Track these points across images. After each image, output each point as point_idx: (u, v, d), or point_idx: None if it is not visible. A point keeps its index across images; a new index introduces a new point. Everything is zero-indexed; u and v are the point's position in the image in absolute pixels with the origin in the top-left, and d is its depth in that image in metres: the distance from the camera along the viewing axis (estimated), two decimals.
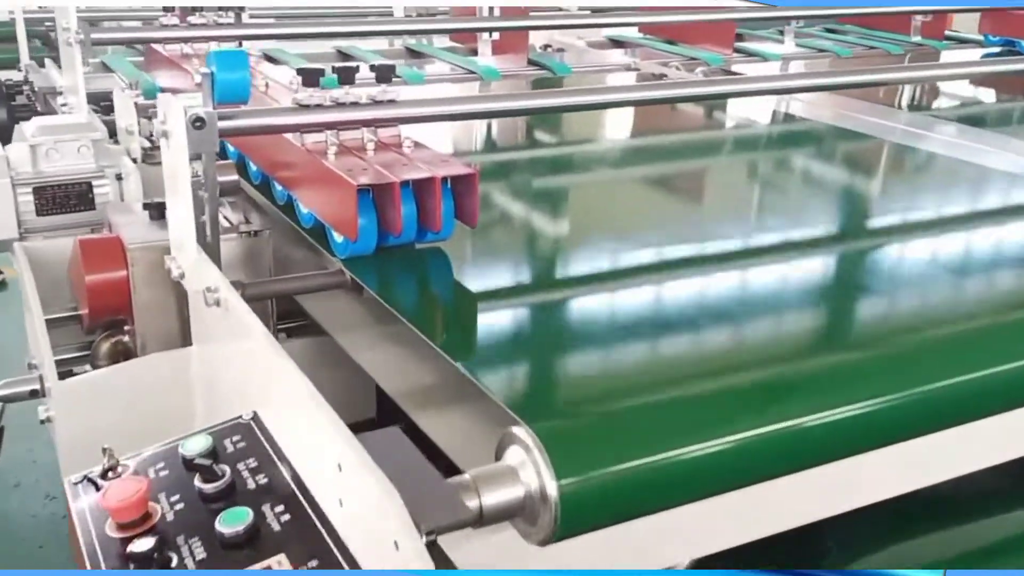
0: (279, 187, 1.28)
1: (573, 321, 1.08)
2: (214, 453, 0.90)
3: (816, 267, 1.25)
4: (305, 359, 1.26)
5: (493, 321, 1.05)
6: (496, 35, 2.37)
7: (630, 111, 2.20)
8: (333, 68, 1.19)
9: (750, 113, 2.13)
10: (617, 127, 2.08)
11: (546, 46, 2.71)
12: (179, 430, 1.21)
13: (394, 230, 1.08)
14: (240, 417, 0.96)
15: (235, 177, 1.26)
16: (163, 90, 1.65)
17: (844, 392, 0.87)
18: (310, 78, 1.16)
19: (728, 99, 1.80)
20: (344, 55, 2.40)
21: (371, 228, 1.09)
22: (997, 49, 2.86)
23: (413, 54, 2.50)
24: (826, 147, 1.88)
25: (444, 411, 0.97)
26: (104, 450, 0.89)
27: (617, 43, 2.79)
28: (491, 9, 2.28)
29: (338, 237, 1.12)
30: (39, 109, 1.99)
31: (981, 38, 2.92)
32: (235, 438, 0.93)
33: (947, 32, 2.98)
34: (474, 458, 0.82)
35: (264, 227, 1.28)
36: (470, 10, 2.44)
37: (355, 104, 1.18)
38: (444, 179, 1.09)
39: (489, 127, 1.90)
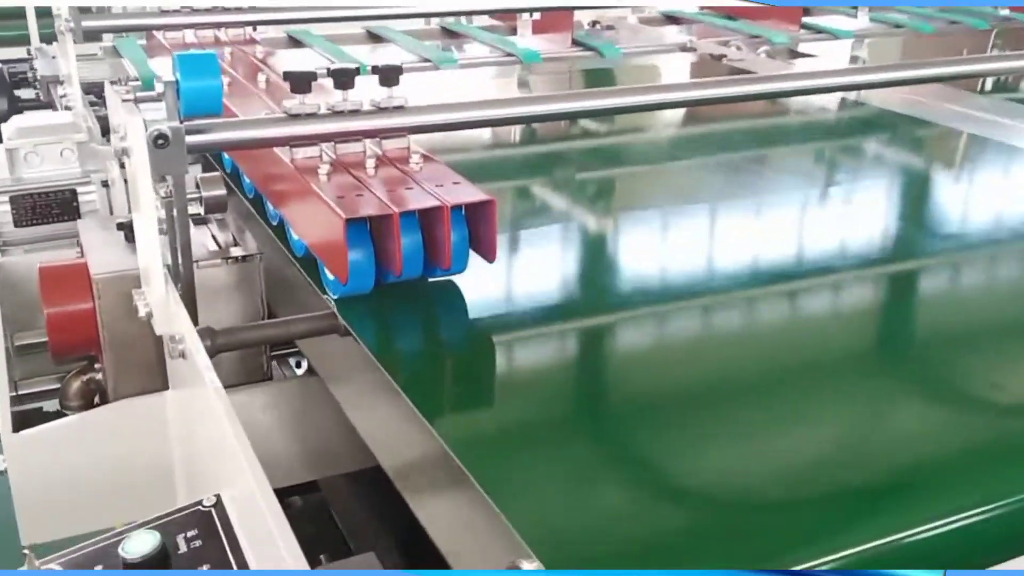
0: (270, 206, 1.11)
1: (631, 422, 0.80)
2: (163, 554, 0.74)
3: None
4: (306, 397, 1.11)
5: (518, 407, 0.82)
6: (537, 14, 2.17)
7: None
8: (329, 71, 1.01)
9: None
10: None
11: (594, 22, 2.51)
12: (154, 488, 1.07)
13: (394, 268, 0.90)
14: (200, 503, 0.79)
15: (222, 192, 1.09)
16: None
17: None
18: (300, 83, 0.98)
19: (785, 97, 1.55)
20: (374, 36, 2.22)
21: (365, 266, 0.91)
22: None
23: (449, 34, 2.31)
24: (895, 140, 1.65)
25: (442, 495, 0.80)
26: (24, 555, 0.73)
27: (672, 19, 2.57)
28: None
29: (330, 273, 0.94)
30: (42, 99, 1.84)
31: None
32: (190, 533, 0.77)
33: None
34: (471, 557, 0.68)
35: (256, 250, 1.11)
36: None
37: (355, 112, 1.00)
38: (456, 207, 0.91)
39: None
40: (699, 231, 1.25)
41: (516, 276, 1.08)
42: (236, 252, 1.10)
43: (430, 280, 0.97)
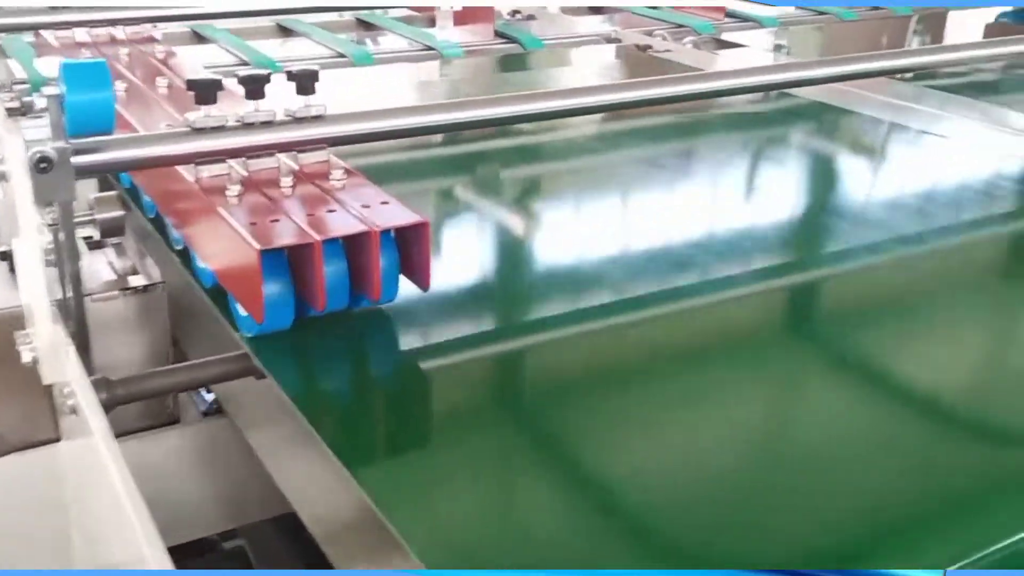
0: (174, 230, 1.00)
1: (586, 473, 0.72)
2: None
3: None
4: (219, 440, 1.01)
5: (447, 450, 0.73)
6: (458, 5, 2.07)
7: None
8: (239, 79, 0.90)
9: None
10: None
11: (514, 12, 2.41)
12: (49, 548, 0.96)
13: (315, 303, 0.80)
14: None
15: (119, 213, 0.97)
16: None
17: None
18: (205, 93, 0.87)
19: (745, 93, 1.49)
20: (284, 29, 2.09)
21: (283, 301, 0.80)
22: (1011, 8, 2.59)
23: (364, 26, 2.19)
24: (816, 130, 1.60)
25: (367, 553, 0.70)
26: None
27: (594, 8, 2.49)
28: None
29: (242, 309, 0.84)
30: None
31: None
32: None
33: None
34: None
35: (159, 279, 0.99)
36: None
37: (267, 124, 0.90)
38: (385, 231, 0.81)
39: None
40: (617, 224, 1.20)
41: (444, 291, 0.98)
42: (136, 282, 0.98)
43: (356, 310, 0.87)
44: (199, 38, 2.00)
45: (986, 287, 1.05)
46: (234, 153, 0.90)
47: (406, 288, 0.86)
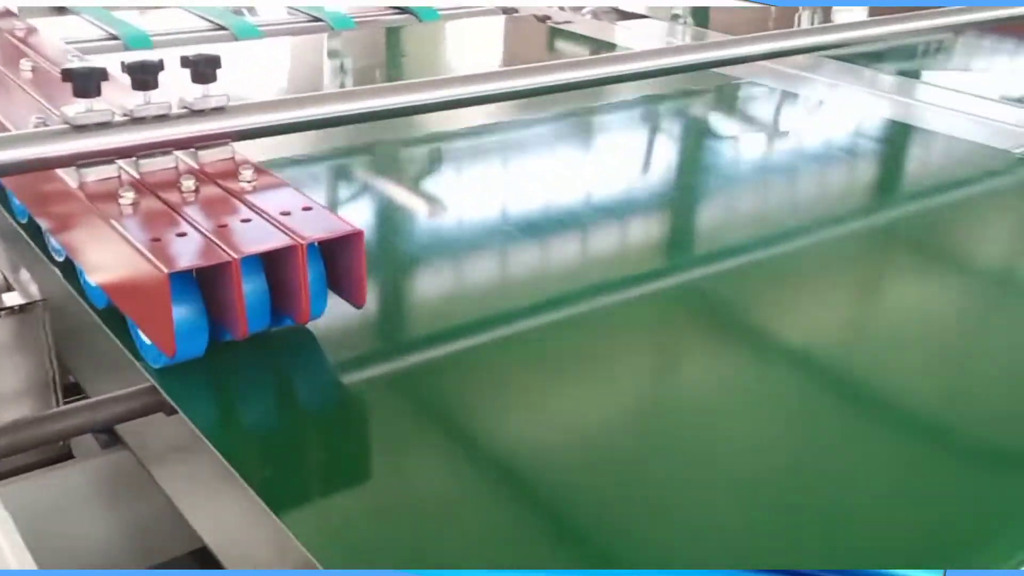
0: (54, 241, 0.86)
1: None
2: None
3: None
4: (121, 474, 0.89)
5: (375, 486, 0.65)
6: None
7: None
8: (123, 65, 0.77)
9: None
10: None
11: None
12: None
13: (235, 330, 0.70)
14: None
15: None
16: None
17: None
18: (85, 84, 0.74)
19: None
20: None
21: (195, 329, 0.69)
22: None
23: None
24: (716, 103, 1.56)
25: None
26: None
27: None
28: None
29: (146, 337, 0.72)
30: None
31: None
32: None
33: None
34: None
35: (38, 295, 0.86)
36: None
37: (162, 118, 0.78)
38: (312, 245, 0.71)
39: None
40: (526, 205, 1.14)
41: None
42: (11, 300, 0.85)
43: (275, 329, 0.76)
44: (61, 10, 1.82)
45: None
46: (123, 153, 0.78)
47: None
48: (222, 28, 1.75)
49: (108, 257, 0.73)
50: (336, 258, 0.74)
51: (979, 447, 0.72)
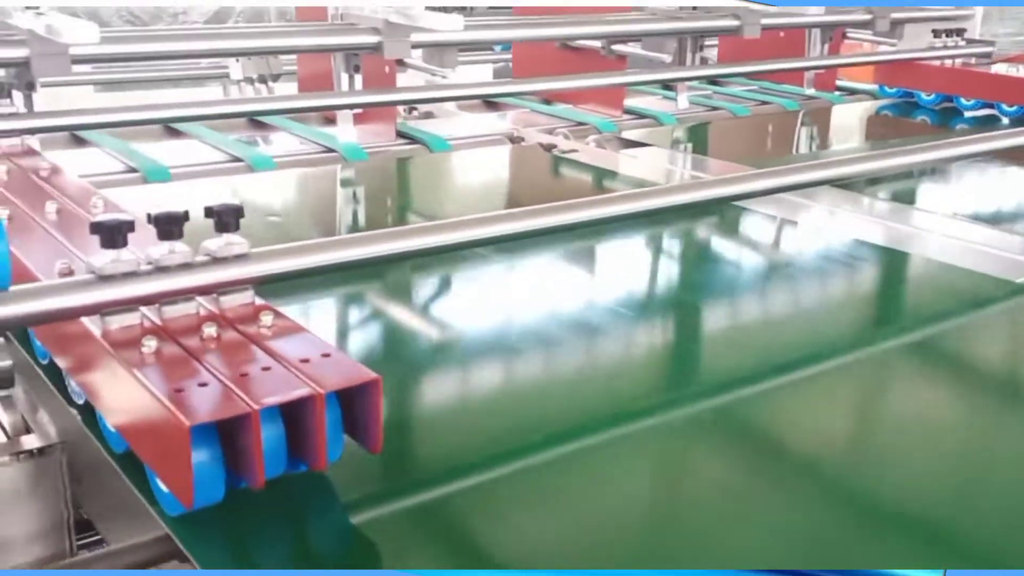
0: (74, 383, 0.88)
1: None
2: None
3: None
4: None
5: None
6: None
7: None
8: (149, 218, 0.80)
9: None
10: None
11: (410, 109, 2.36)
12: None
13: (252, 479, 0.70)
14: None
15: (8, 363, 0.85)
16: None
17: None
18: (111, 235, 0.77)
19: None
20: (172, 130, 1.98)
21: (213, 478, 0.70)
22: (892, 101, 2.69)
23: (257, 124, 2.10)
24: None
25: None
26: None
27: (491, 104, 2.46)
28: (352, 76, 1.90)
29: (163, 485, 0.73)
30: None
31: (875, 88, 2.75)
32: None
33: (838, 83, 2.80)
34: None
35: (56, 438, 0.87)
36: (317, 74, 2.05)
37: (185, 267, 0.80)
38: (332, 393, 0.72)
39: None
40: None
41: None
42: (29, 444, 0.86)
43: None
44: (77, 140, 1.88)
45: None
46: (147, 301, 0.80)
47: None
48: (238, 160, 1.80)
49: (128, 404, 0.75)
50: (353, 403, 0.76)
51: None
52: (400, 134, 2.02)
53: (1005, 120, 2.44)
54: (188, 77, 2.95)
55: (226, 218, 0.82)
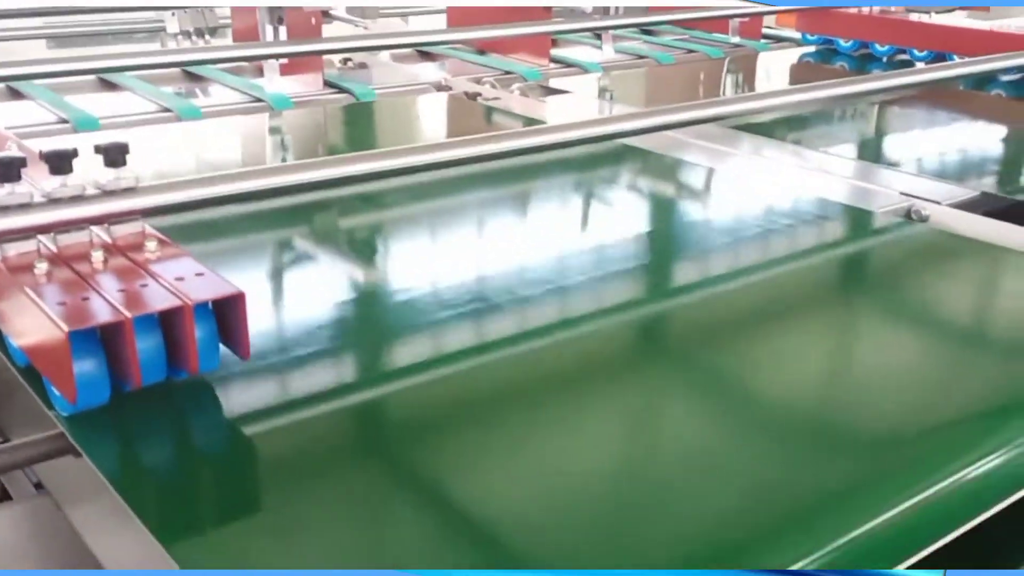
0: None
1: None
2: None
3: None
4: (43, 519, 0.98)
5: (273, 521, 0.74)
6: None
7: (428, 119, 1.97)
8: (41, 155, 0.89)
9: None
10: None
11: (345, 59, 2.44)
12: None
13: (132, 380, 0.80)
14: None
15: None
16: None
17: None
18: (7, 171, 0.86)
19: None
20: (107, 83, 2.05)
21: (96, 380, 0.80)
22: (814, 48, 2.79)
23: (190, 77, 2.17)
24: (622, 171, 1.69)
25: None
26: None
27: (426, 55, 2.54)
28: (276, 28, 1.97)
29: (55, 388, 0.83)
30: None
31: (799, 36, 2.84)
32: None
33: (764, 30, 2.89)
34: None
35: None
36: (251, 27, 2.12)
37: (76, 199, 0.89)
38: (200, 304, 0.82)
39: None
40: (455, 266, 1.24)
41: (276, 349, 0.99)
42: None
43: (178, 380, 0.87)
44: (14, 94, 1.95)
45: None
46: (42, 229, 0.89)
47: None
48: (167, 110, 1.88)
49: (24, 320, 0.84)
50: (227, 317, 0.86)
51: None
52: (328, 84, 2.10)
53: (921, 65, 2.54)
54: (139, 31, 3.00)
55: (114, 155, 0.91)
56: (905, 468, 0.80)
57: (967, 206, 1.44)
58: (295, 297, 1.14)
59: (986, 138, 2.05)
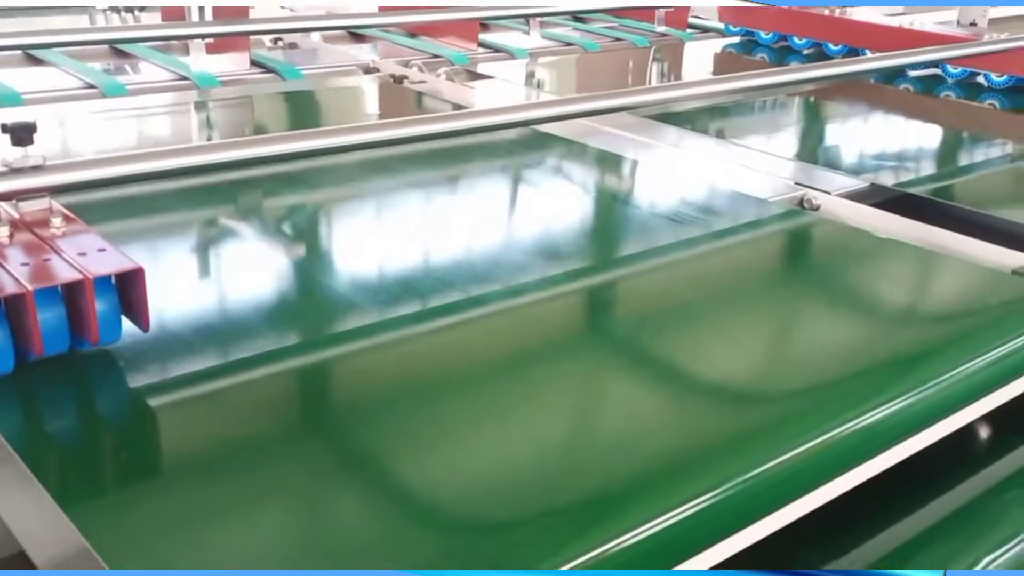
0: None
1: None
2: None
3: None
4: None
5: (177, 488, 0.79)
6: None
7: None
8: None
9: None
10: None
11: (276, 39, 2.46)
12: None
13: (34, 349, 0.85)
14: None
15: None
16: None
17: None
18: None
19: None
20: (32, 58, 2.06)
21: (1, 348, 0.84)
22: (737, 40, 2.87)
23: (117, 53, 2.18)
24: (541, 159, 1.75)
25: None
26: None
27: (357, 36, 2.58)
28: (202, 9, 2.00)
29: None
30: None
31: (722, 27, 2.92)
32: None
33: (690, 20, 2.97)
34: None
35: None
36: (178, 9, 2.14)
37: None
38: (100, 278, 0.86)
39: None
40: (380, 248, 1.28)
41: (187, 325, 1.03)
42: None
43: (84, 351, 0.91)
44: None
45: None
46: None
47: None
48: (92, 87, 1.90)
49: None
50: (129, 291, 0.90)
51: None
52: (254, 63, 2.13)
53: (836, 59, 2.63)
54: (68, 7, 2.99)
55: (20, 133, 0.95)
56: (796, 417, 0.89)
57: (856, 196, 1.52)
58: (212, 274, 1.19)
59: (887, 131, 2.14)
